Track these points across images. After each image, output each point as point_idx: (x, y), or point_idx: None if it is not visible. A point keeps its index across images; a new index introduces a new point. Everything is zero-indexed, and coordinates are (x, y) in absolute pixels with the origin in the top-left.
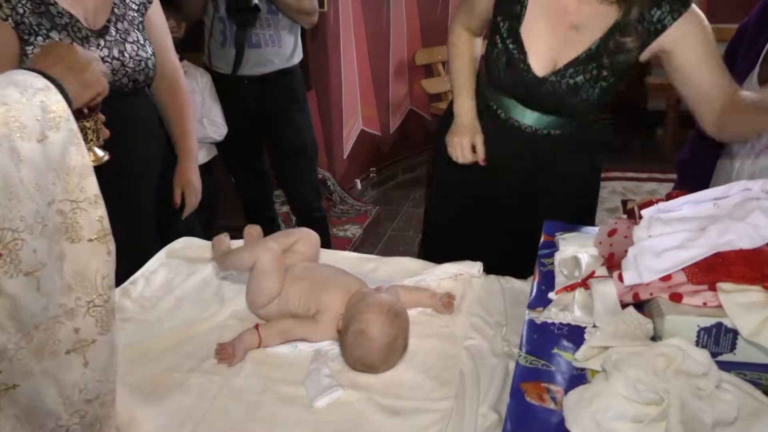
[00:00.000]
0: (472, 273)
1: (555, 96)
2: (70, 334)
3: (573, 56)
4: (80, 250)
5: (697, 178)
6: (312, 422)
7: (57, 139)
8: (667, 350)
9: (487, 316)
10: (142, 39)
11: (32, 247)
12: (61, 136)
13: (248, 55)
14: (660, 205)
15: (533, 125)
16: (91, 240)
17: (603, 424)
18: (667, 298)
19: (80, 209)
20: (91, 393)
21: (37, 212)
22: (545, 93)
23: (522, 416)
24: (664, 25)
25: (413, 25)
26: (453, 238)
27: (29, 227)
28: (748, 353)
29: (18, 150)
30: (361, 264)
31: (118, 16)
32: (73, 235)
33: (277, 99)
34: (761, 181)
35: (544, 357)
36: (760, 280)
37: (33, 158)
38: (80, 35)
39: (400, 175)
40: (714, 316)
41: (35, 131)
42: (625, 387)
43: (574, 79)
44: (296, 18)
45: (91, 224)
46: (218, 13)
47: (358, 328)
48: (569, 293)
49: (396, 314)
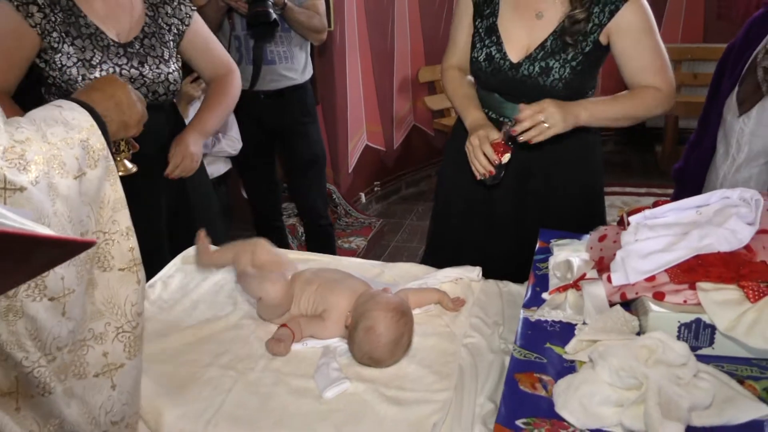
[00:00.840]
0: (471, 277)
1: (531, 80)
2: (99, 358)
3: (540, 40)
4: (111, 279)
5: (692, 188)
6: (321, 412)
7: (93, 175)
8: (649, 342)
9: (485, 317)
10: (167, 55)
11: (60, 275)
12: (98, 173)
13: (264, 72)
14: (647, 212)
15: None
16: (122, 269)
17: (589, 408)
18: (651, 296)
19: (112, 241)
20: (117, 415)
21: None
22: (522, 79)
23: (515, 402)
24: (617, 6)
25: (417, 43)
26: (455, 248)
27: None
28: (726, 347)
29: (56, 186)
30: (366, 269)
31: (147, 34)
32: (105, 264)
33: (292, 113)
34: (739, 190)
35: (537, 351)
36: (736, 280)
37: (69, 194)
38: (102, 44)
39: (403, 189)
40: (693, 312)
41: (73, 168)
42: (609, 374)
43: (545, 61)
44: (306, 35)
45: (122, 255)
46: (234, 31)
47: (367, 324)
48: (561, 294)
49: (403, 313)
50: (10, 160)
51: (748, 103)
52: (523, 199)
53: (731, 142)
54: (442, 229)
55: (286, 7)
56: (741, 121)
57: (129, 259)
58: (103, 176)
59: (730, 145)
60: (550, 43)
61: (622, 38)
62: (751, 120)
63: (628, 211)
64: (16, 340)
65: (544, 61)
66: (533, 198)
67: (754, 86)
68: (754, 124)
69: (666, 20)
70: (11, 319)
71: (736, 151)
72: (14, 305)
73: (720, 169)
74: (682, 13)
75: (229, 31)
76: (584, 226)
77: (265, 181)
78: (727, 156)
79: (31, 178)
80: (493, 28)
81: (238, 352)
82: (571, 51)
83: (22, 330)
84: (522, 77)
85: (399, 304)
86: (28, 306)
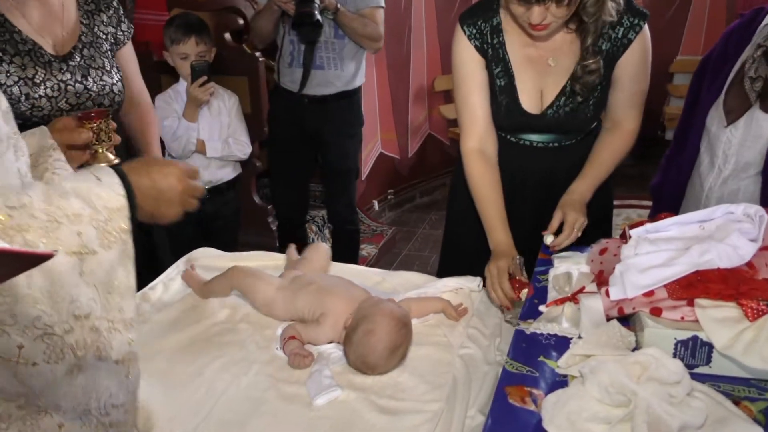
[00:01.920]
0: (471, 287)
1: (557, 123)
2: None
3: (559, 88)
4: (101, 369)
5: (669, 202)
6: (310, 419)
7: (105, 257)
8: (642, 358)
9: (483, 328)
10: (108, 65)
11: (15, 342)
12: (112, 255)
13: (312, 75)
14: (648, 225)
15: (542, 141)
16: (117, 362)
17: (577, 424)
18: (648, 312)
19: (115, 330)
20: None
21: (39, 317)
22: (548, 123)
23: (503, 415)
24: (630, 40)
25: (433, 51)
26: (468, 257)
27: (22, 328)
28: (723, 366)
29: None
30: (367, 276)
31: (85, 44)
32: (101, 354)
33: (333, 121)
34: (743, 205)
35: (529, 364)
36: (735, 297)
37: (55, 268)
38: (43, 60)
39: (417, 197)
40: (690, 329)
41: (71, 244)
42: (599, 390)
43: (569, 106)
44: (361, 42)
45: (120, 346)
46: (289, 35)
47: (369, 328)
48: (559, 306)
49: (405, 324)
50: None
51: (736, 113)
52: (542, 211)
53: (717, 153)
54: (455, 239)
55: (338, 12)
56: (728, 132)
57: (126, 351)
58: (118, 260)
59: (716, 156)
60: (568, 89)
61: (624, 68)
62: (739, 130)
63: (630, 224)
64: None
65: (568, 107)
66: (551, 209)
67: (741, 96)
68: (742, 135)
69: (687, 32)
70: None
71: (722, 162)
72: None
73: (705, 181)
74: (704, 25)
75: (283, 34)
76: (593, 240)
77: (296, 186)
78: (712, 167)
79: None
80: (510, 85)
81: (234, 355)
82: (587, 92)
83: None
84: (547, 122)
85: (403, 315)
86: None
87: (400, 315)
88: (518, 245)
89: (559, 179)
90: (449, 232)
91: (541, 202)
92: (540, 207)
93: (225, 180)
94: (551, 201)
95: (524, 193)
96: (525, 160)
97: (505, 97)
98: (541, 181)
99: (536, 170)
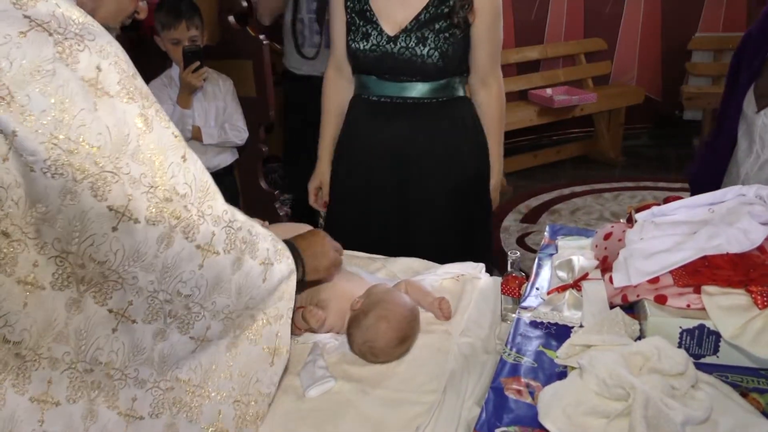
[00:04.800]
0: (473, 274)
1: (409, 51)
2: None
3: (415, 14)
4: (252, 352)
5: (710, 190)
6: (301, 411)
7: (278, 269)
8: (644, 348)
9: (483, 316)
10: None
11: (206, 323)
12: (282, 267)
13: (323, 55)
14: (654, 209)
15: (399, 94)
16: (263, 349)
17: (574, 418)
18: (652, 299)
19: (267, 323)
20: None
21: (227, 306)
22: (400, 51)
23: (498, 408)
24: None
25: (507, 24)
26: None
27: (215, 312)
28: (731, 356)
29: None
30: (367, 263)
31: None
32: (250, 338)
33: None
34: (755, 187)
35: (529, 354)
36: (744, 284)
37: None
38: None
39: None
40: (697, 318)
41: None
42: (596, 383)
43: (420, 32)
44: None
45: (269, 336)
46: (299, 14)
47: (382, 313)
48: (561, 294)
49: (415, 317)
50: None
51: (767, 98)
52: (402, 161)
53: (754, 137)
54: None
55: None
56: (763, 116)
57: (274, 342)
58: (288, 272)
59: (753, 141)
60: (423, 16)
61: (482, 17)
62: None
63: (636, 208)
64: None
65: (420, 32)
66: (415, 159)
67: None
68: None
69: (706, 8)
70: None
71: (760, 147)
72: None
73: (742, 166)
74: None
75: (293, 15)
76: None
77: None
78: (750, 152)
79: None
80: (367, 9)
81: None
82: (443, 22)
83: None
84: (400, 50)
85: (415, 308)
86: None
87: (413, 307)
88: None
89: (419, 143)
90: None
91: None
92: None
93: (222, 166)
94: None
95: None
96: (381, 122)
97: (365, 21)
98: (400, 143)
99: (394, 133)
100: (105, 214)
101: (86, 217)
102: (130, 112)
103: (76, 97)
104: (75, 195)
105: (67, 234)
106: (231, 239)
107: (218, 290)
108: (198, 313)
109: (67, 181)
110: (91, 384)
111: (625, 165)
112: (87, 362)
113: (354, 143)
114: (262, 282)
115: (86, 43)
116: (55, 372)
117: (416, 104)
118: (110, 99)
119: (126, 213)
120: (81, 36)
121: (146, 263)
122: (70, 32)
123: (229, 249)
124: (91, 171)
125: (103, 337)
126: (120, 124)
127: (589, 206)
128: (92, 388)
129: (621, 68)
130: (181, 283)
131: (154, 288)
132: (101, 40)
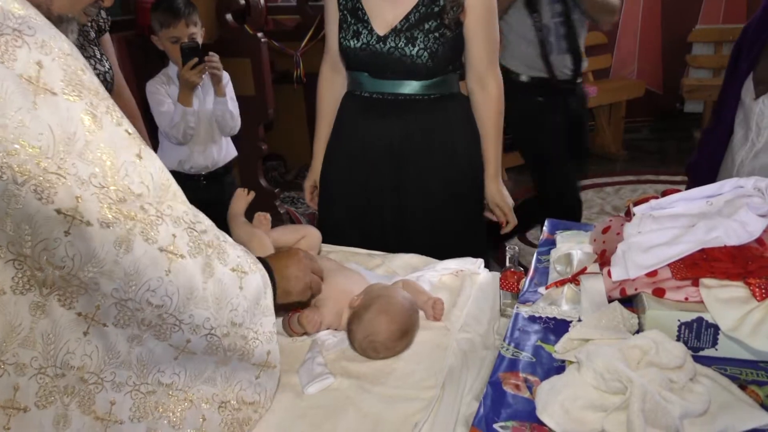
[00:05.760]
0: (472, 269)
1: (398, 51)
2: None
3: (405, 14)
4: (246, 368)
5: (705, 181)
6: (300, 408)
7: (254, 279)
8: (641, 342)
9: (482, 312)
10: (98, 54)
11: (185, 337)
12: (258, 278)
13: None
14: (653, 202)
15: (391, 91)
16: (255, 364)
17: (572, 412)
18: (650, 293)
19: (257, 340)
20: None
21: (207, 319)
22: (389, 51)
23: (495, 403)
24: None
25: None
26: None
27: (194, 327)
28: (730, 349)
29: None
30: (366, 260)
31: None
32: (244, 357)
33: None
34: (753, 179)
35: (527, 349)
36: (743, 276)
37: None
38: None
39: None
40: (695, 311)
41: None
42: (594, 377)
43: (410, 32)
44: (599, 17)
45: (260, 355)
46: (543, 20)
47: (384, 307)
48: (559, 288)
49: (416, 312)
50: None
51: (766, 84)
52: (397, 156)
53: (751, 125)
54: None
55: None
56: (761, 103)
57: (264, 360)
58: (263, 283)
59: (750, 129)
60: (413, 16)
61: (474, 15)
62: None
63: (635, 201)
64: None
65: (409, 32)
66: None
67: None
68: None
69: (706, 0)
70: None
71: (755, 135)
72: None
73: (737, 155)
74: None
75: (532, 21)
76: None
77: None
78: (746, 140)
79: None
80: (359, 7)
81: None
82: (434, 21)
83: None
84: (389, 49)
85: (414, 303)
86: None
87: (413, 302)
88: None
89: (414, 142)
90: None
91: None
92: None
93: (221, 165)
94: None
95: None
96: (375, 120)
97: (356, 19)
98: (395, 141)
99: (388, 131)
100: (53, 218)
101: (34, 221)
102: (76, 109)
103: (12, 96)
104: (18, 198)
105: (18, 238)
106: (195, 242)
107: (194, 301)
108: (174, 325)
109: (8, 183)
110: (63, 389)
111: (626, 159)
112: (58, 367)
113: (347, 140)
114: (239, 290)
115: (25, 38)
116: (23, 378)
117: (409, 101)
118: (53, 97)
119: (76, 216)
120: (19, 31)
121: (106, 269)
122: (7, 27)
123: (195, 253)
124: (34, 173)
125: (74, 341)
126: (64, 122)
127: (590, 200)
128: (65, 393)
129: (621, 62)
130: (150, 292)
131: (120, 296)
132: (42, 35)
